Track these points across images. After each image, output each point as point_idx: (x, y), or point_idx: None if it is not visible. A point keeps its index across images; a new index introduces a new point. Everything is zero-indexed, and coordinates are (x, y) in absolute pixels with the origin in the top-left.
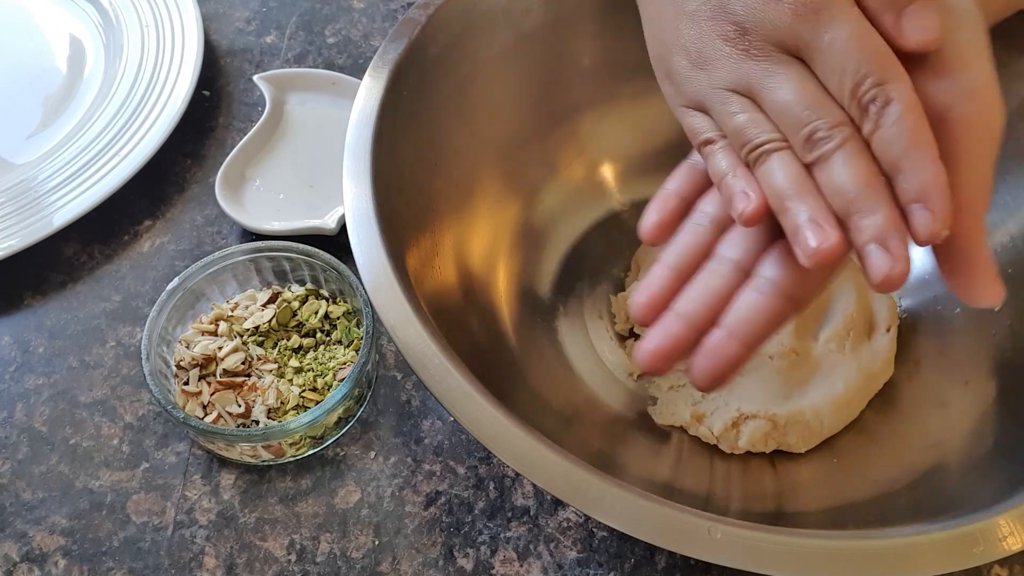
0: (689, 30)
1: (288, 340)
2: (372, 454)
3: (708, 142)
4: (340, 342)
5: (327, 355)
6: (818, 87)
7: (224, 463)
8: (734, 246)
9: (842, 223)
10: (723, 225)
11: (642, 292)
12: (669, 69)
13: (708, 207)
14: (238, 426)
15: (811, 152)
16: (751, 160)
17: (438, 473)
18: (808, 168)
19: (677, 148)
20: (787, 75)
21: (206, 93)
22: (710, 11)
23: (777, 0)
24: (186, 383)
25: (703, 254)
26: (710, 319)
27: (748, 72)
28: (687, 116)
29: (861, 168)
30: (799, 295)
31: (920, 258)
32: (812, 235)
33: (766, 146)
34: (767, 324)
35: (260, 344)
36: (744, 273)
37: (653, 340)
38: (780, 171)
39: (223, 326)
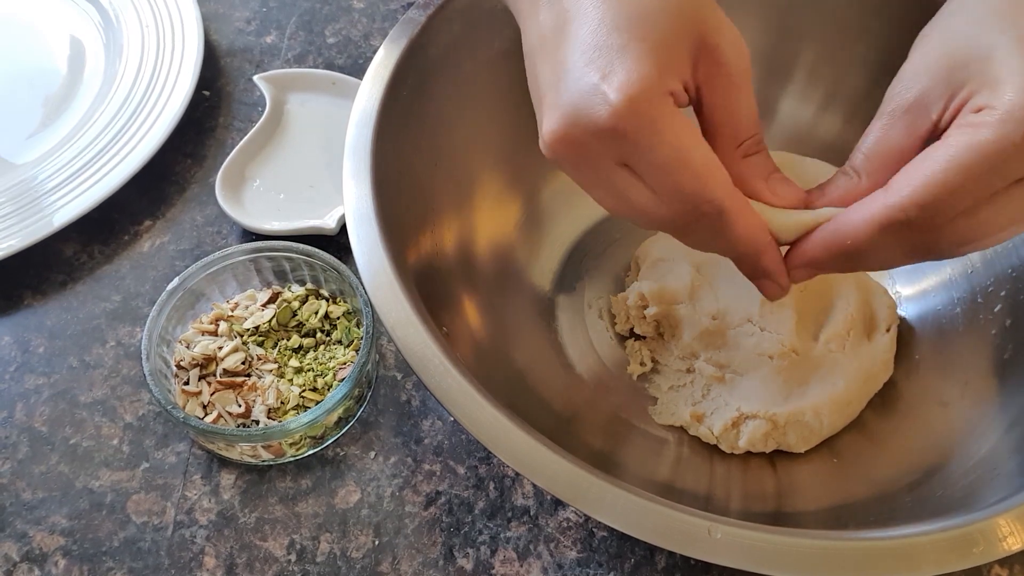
0: None
1: (288, 340)
2: (372, 454)
3: None
4: (340, 342)
5: (327, 355)
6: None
7: (224, 463)
8: None
9: None
10: None
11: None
12: None
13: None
14: (238, 426)
15: None
16: None
17: (438, 473)
18: None
19: None
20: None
21: (206, 93)
22: None
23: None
24: (186, 383)
25: None
26: None
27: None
28: None
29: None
30: None
31: None
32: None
33: None
34: None
35: (260, 344)
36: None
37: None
38: None
39: (223, 326)
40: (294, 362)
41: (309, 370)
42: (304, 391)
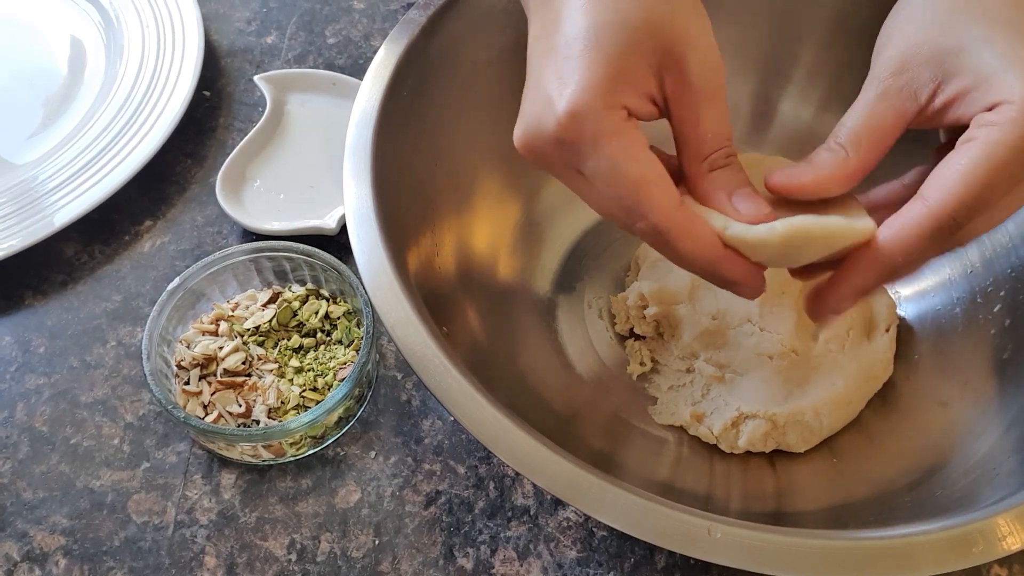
0: None
1: (288, 340)
2: (372, 454)
3: None
4: (340, 342)
5: (327, 355)
6: None
7: (225, 463)
8: None
9: None
10: None
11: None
12: None
13: None
14: (238, 426)
15: None
16: None
17: (438, 473)
18: None
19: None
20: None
21: (206, 93)
22: None
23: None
24: (187, 383)
25: None
26: None
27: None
28: None
29: None
30: None
31: None
32: None
33: None
34: None
35: (260, 344)
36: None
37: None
38: None
39: (223, 326)
40: (294, 362)
41: (309, 370)
42: (304, 391)
